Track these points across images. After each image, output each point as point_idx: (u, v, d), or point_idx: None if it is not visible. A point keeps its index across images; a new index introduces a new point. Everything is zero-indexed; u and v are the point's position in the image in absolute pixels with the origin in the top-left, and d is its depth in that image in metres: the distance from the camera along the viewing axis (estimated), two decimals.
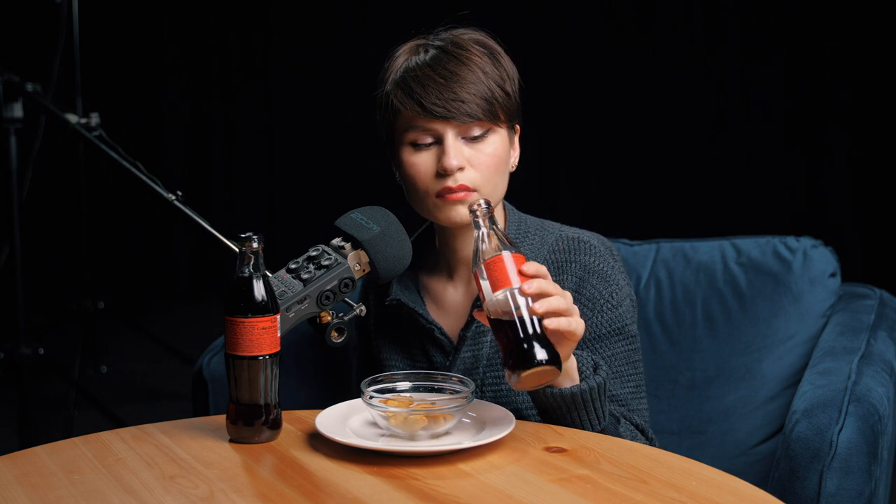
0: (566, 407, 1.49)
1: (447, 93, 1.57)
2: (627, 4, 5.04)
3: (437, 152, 1.59)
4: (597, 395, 1.49)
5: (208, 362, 1.99)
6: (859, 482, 1.59)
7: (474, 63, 1.60)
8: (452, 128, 1.58)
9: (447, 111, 1.57)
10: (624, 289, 1.67)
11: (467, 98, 1.57)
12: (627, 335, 1.65)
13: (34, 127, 3.46)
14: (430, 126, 1.59)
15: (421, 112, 1.58)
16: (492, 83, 1.60)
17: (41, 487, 1.31)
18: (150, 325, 4.41)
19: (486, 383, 1.66)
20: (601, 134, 5.10)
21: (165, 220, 5.43)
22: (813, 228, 3.08)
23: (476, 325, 1.66)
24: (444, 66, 1.59)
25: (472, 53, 1.61)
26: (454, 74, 1.58)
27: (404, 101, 1.59)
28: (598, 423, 1.51)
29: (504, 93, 1.61)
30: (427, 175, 1.60)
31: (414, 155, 1.61)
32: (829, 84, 4.72)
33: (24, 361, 3.14)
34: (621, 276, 1.67)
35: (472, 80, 1.58)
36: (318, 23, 5.41)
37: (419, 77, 1.59)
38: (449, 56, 1.60)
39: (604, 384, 1.50)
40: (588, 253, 1.66)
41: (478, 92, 1.58)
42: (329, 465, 1.36)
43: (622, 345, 1.64)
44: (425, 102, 1.57)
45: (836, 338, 1.90)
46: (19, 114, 3.11)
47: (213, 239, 2.13)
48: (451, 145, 1.58)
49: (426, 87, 1.58)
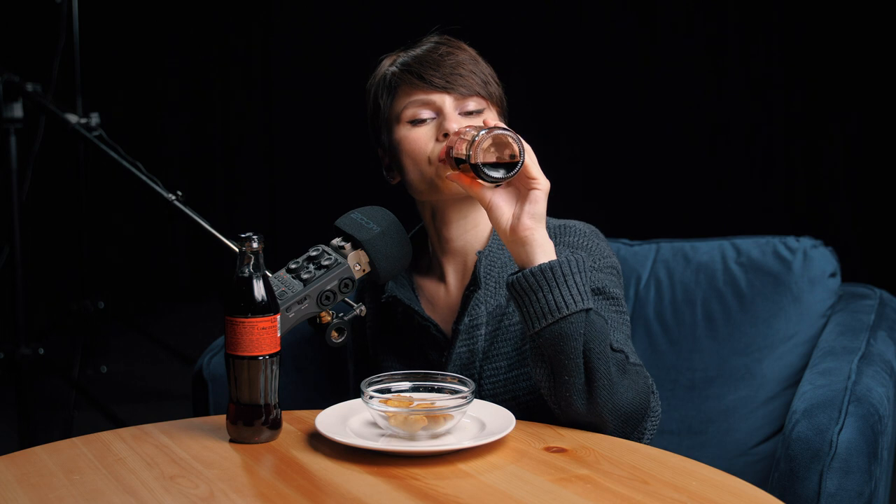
0: (547, 284, 1.45)
1: (445, 68, 1.66)
2: (628, 5, 5.04)
3: (437, 124, 1.66)
4: (577, 268, 1.46)
5: (208, 362, 2.00)
6: (859, 482, 1.59)
7: (468, 52, 1.70)
8: (451, 99, 1.66)
9: (446, 82, 1.65)
10: (607, 259, 1.68)
11: (465, 73, 1.66)
12: (609, 296, 1.64)
13: (34, 127, 3.46)
14: (429, 98, 1.66)
15: (420, 84, 1.65)
16: (485, 69, 1.70)
17: (41, 487, 1.31)
18: (150, 325, 4.41)
19: (484, 376, 1.67)
20: (601, 134, 5.10)
21: (165, 220, 5.43)
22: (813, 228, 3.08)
23: (469, 318, 1.67)
24: (439, 52, 1.68)
25: (464, 45, 1.72)
26: (451, 55, 1.68)
27: (404, 77, 1.67)
28: (581, 301, 1.45)
29: (495, 82, 1.71)
30: (427, 144, 1.65)
31: (412, 130, 1.67)
32: (830, 84, 4.72)
33: (24, 361, 3.14)
34: (607, 251, 1.70)
35: (468, 62, 1.68)
36: (319, 23, 5.41)
37: (418, 56, 1.68)
38: (443, 45, 1.70)
39: (583, 261, 1.48)
40: (573, 234, 1.69)
41: (475, 70, 1.68)
42: (329, 465, 1.36)
43: (605, 303, 1.62)
44: (425, 75, 1.65)
45: (836, 338, 1.90)
46: (19, 114, 3.11)
47: (213, 239, 2.13)
48: (450, 113, 1.65)
49: (424, 64, 1.67)
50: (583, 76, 5.05)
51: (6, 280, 3.23)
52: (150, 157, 3.02)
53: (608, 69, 5.03)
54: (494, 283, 1.67)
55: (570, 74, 5.02)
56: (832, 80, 4.71)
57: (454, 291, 1.74)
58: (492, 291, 1.67)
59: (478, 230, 1.72)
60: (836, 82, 4.71)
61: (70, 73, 3.78)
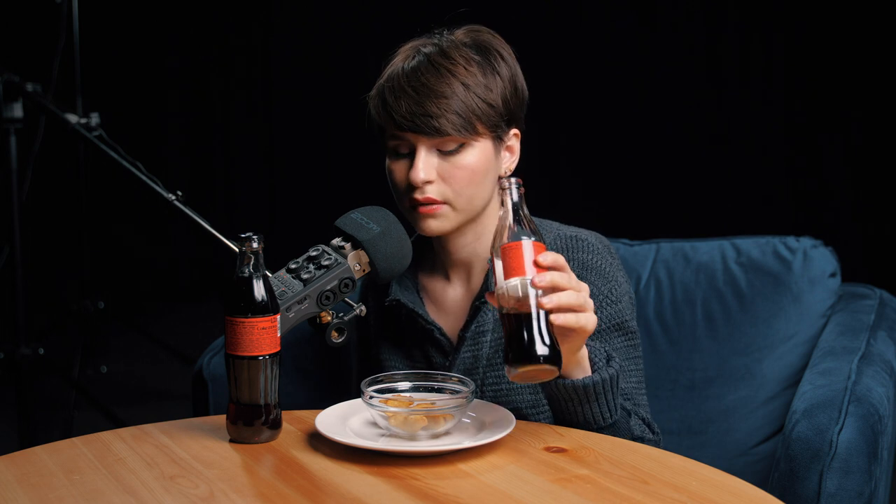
0: (578, 399, 1.47)
1: (416, 107, 1.56)
2: (628, 5, 5.04)
3: (411, 163, 1.60)
4: (609, 387, 1.47)
5: (208, 362, 2.00)
6: (859, 482, 1.59)
7: (455, 74, 1.58)
8: (424, 140, 1.58)
9: (415, 125, 1.56)
10: (622, 285, 1.67)
11: (436, 113, 1.55)
12: (627, 331, 1.65)
13: (34, 127, 3.46)
14: (403, 136, 1.60)
15: (392, 124, 1.59)
16: (472, 96, 1.57)
17: (41, 487, 1.31)
18: (151, 326, 4.40)
19: (487, 383, 1.66)
20: (601, 134, 5.10)
21: (165, 220, 5.42)
22: (813, 228, 3.08)
23: (475, 325, 1.66)
24: (419, 79, 1.58)
25: (457, 63, 1.59)
26: (426, 87, 1.57)
27: (379, 111, 1.61)
28: (609, 417, 1.49)
29: (486, 104, 1.58)
30: (402, 183, 1.62)
31: (394, 162, 1.63)
32: (830, 84, 4.72)
33: (24, 361, 3.14)
34: (619, 273, 1.67)
35: (446, 94, 1.56)
36: (319, 23, 5.41)
37: (394, 88, 1.59)
38: (429, 66, 1.59)
39: (616, 376, 1.48)
40: (586, 251, 1.65)
41: (450, 107, 1.56)
42: (329, 465, 1.36)
43: (622, 340, 1.64)
44: (395, 115, 1.58)
45: (836, 338, 1.90)
46: (19, 114, 3.11)
47: (213, 239, 2.13)
48: (422, 159, 1.58)
49: (398, 100, 1.58)
50: (583, 76, 5.05)
51: (6, 280, 3.23)
52: (150, 157, 3.02)
53: (608, 69, 5.03)
54: None
55: (570, 74, 5.02)
56: (833, 79, 4.71)
57: (460, 293, 1.73)
58: None
59: (480, 241, 1.69)
60: (836, 82, 4.70)
61: (70, 73, 3.77)
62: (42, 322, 4.28)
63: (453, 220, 1.62)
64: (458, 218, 1.62)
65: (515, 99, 1.65)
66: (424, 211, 1.60)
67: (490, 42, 1.64)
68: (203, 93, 5.58)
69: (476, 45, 1.63)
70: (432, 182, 1.59)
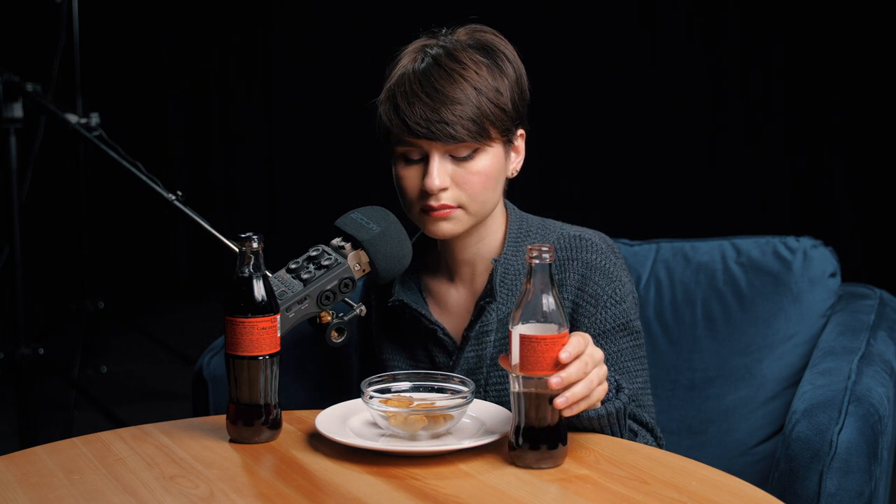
0: (583, 428, 1.47)
1: (431, 113, 1.54)
2: (628, 4, 5.04)
3: (424, 169, 1.58)
4: (616, 419, 1.47)
5: (208, 362, 1.99)
6: (859, 482, 1.59)
7: (467, 79, 1.57)
8: (438, 147, 1.57)
9: (430, 132, 1.55)
10: (626, 285, 1.67)
11: (452, 120, 1.54)
12: (632, 331, 1.65)
13: (34, 127, 3.46)
14: (416, 143, 1.58)
15: (406, 131, 1.57)
16: (484, 100, 1.56)
17: (41, 487, 1.31)
18: (151, 325, 4.40)
19: (490, 383, 1.66)
20: (601, 134, 5.10)
21: (165, 220, 5.42)
22: (813, 228, 3.08)
23: (479, 325, 1.66)
24: (432, 83, 1.56)
25: (467, 67, 1.58)
26: (440, 93, 1.55)
27: (392, 117, 1.58)
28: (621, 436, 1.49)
29: (498, 108, 1.58)
30: (414, 190, 1.60)
31: (404, 168, 1.61)
32: (830, 84, 4.72)
33: (24, 361, 3.14)
34: (623, 273, 1.67)
35: (461, 100, 1.55)
36: (319, 23, 5.41)
37: (406, 93, 1.57)
38: (440, 70, 1.57)
39: (624, 408, 1.48)
40: (590, 250, 1.65)
41: (465, 113, 1.55)
42: (329, 465, 1.36)
43: (627, 340, 1.64)
44: (409, 122, 1.56)
45: (836, 338, 1.90)
46: (19, 114, 3.10)
47: (213, 239, 2.13)
48: (436, 166, 1.57)
49: (412, 106, 1.56)
50: (583, 76, 5.05)
51: (6, 280, 3.23)
52: (150, 157, 3.02)
53: (608, 69, 5.03)
54: (507, 292, 1.65)
55: (570, 74, 5.02)
56: (833, 79, 4.71)
57: (463, 293, 1.72)
58: (504, 299, 1.65)
59: (484, 242, 1.68)
60: (836, 82, 4.70)
61: (70, 73, 3.78)
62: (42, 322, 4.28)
63: (465, 223, 1.62)
64: (470, 221, 1.62)
65: (521, 100, 1.65)
66: (438, 215, 1.59)
67: (494, 42, 1.63)
68: (203, 93, 5.58)
69: (481, 46, 1.62)
70: (447, 188, 1.58)
